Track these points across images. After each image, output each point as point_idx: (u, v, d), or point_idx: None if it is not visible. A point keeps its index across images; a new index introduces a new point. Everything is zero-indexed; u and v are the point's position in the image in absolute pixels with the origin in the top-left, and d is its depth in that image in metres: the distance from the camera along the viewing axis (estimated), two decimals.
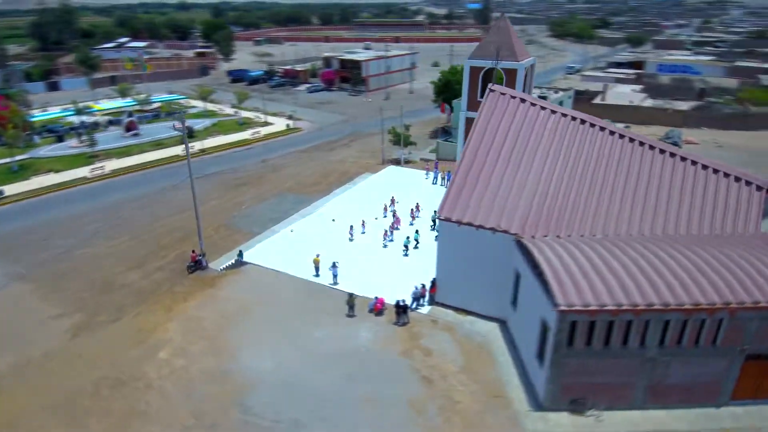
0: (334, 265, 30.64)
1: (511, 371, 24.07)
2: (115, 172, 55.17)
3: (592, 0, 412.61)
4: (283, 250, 35.57)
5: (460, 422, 21.19)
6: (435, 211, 38.93)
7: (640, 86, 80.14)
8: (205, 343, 26.29)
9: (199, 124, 73.23)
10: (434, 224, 36.43)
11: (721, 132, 65.06)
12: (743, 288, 20.22)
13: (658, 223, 26.33)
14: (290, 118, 78.35)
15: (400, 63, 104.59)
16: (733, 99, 70.05)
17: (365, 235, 37.21)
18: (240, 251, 34.24)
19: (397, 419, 21.33)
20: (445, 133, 63.69)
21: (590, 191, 27.06)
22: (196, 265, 34.31)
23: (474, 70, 40.61)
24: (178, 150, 61.63)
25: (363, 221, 38.00)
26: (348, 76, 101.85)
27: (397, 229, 37.78)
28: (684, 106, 66.07)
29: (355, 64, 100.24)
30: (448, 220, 27.02)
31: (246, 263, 33.90)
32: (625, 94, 73.84)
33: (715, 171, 27.17)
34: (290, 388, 23.07)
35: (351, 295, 27.81)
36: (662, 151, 28.40)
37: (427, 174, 49.80)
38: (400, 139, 55.64)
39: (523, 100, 30.83)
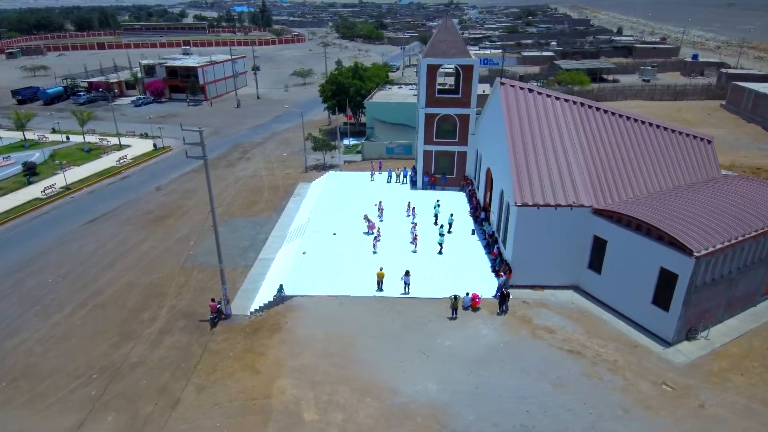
0: (407, 274, 29.38)
1: (620, 323, 27.36)
2: None
3: (348, 4, 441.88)
4: (315, 273, 32.18)
5: (633, 375, 23.56)
6: (436, 206, 39.93)
7: None
8: (344, 388, 22.91)
9: (32, 157, 57.85)
10: (450, 226, 37.50)
11: None
12: None
13: (659, 178, 32.62)
14: (146, 137, 67.83)
15: (235, 68, 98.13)
16: (547, 82, 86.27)
17: (380, 242, 35.93)
18: (280, 285, 29.85)
19: (594, 391, 22.55)
20: (355, 134, 63.42)
21: (615, 161, 31.85)
22: (218, 315, 28.95)
23: (431, 68, 42.19)
24: (30, 194, 48.45)
25: (378, 229, 36.61)
26: (181, 84, 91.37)
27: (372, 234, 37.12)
28: None
29: (190, 71, 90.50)
30: (526, 205, 28.74)
31: (289, 297, 29.77)
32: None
33: (680, 133, 34.74)
34: (480, 399, 22.14)
35: (456, 298, 27.34)
36: (635, 120, 34.84)
37: (372, 175, 49.37)
38: (322, 145, 53.75)
39: (530, 90, 34.07)
